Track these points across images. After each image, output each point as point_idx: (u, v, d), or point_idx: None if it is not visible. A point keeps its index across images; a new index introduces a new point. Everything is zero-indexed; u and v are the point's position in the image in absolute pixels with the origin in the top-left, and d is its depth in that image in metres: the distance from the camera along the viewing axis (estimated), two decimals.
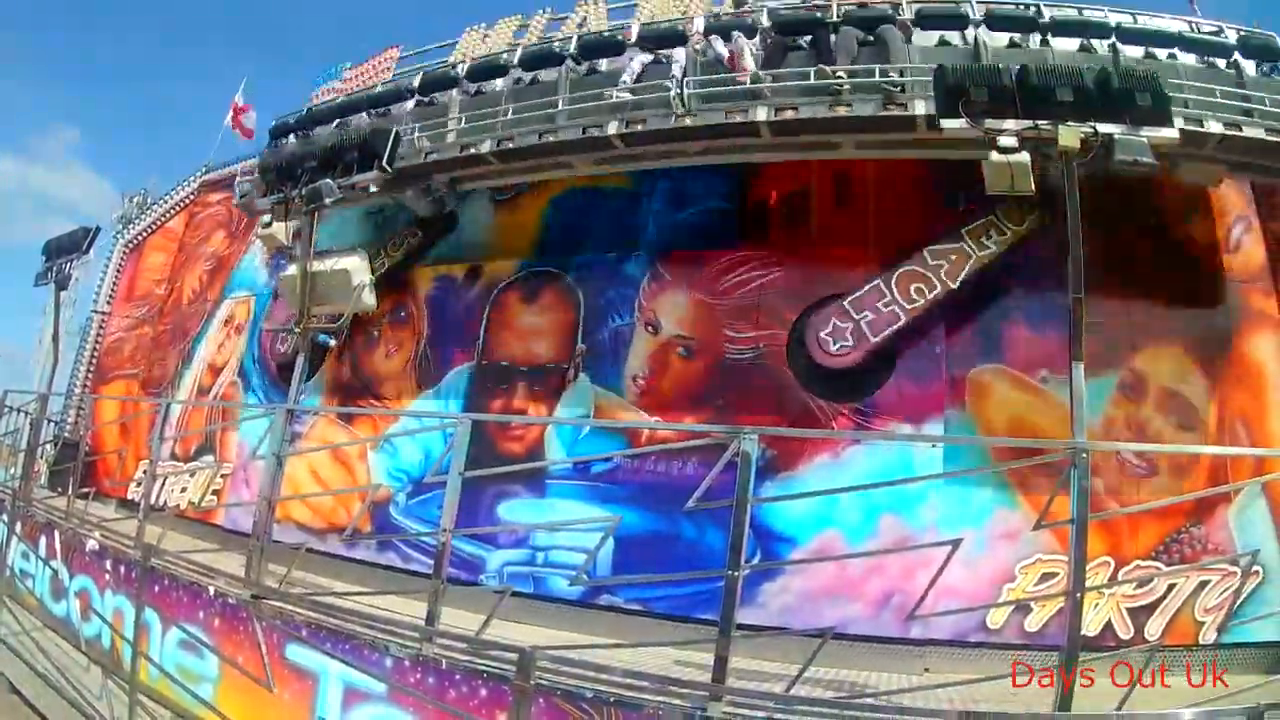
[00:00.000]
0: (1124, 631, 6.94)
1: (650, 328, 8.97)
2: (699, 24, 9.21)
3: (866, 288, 8.24)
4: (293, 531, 9.32)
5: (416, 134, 8.86)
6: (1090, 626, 6.74)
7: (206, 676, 6.42)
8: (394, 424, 9.43)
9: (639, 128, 8.20)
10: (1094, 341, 7.14)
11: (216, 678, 6.36)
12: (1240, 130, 7.15)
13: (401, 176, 8.32)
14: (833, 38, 8.25)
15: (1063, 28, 8.27)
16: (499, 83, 9.89)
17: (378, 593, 6.79)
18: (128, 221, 16.13)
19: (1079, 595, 5.08)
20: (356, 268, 6.78)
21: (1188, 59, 8.06)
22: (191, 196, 15.81)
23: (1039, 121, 6.01)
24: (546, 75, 9.53)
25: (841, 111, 7.59)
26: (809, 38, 8.47)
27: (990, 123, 6.08)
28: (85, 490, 10.22)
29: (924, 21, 8.44)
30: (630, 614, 7.70)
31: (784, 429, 7.63)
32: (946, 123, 6.15)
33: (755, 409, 8.03)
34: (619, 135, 8.24)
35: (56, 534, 8.49)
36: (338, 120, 10.51)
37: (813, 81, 7.75)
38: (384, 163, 6.51)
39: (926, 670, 6.79)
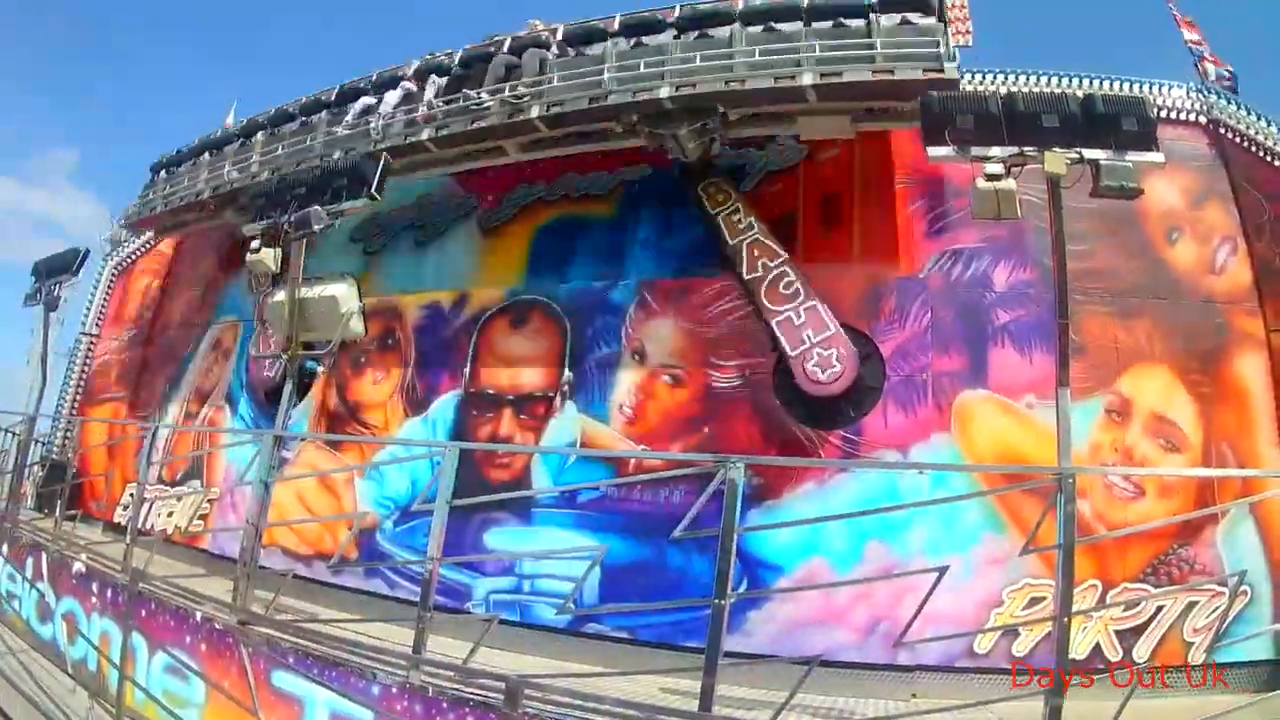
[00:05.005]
0: (1112, 653, 6.97)
1: (637, 356, 8.97)
2: None
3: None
4: (279, 557, 9.31)
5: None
6: (1078, 649, 6.77)
7: (192, 701, 6.33)
8: (381, 451, 9.39)
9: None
10: (1080, 365, 7.19)
11: (202, 703, 6.27)
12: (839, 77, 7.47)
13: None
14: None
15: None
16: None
17: (364, 620, 6.75)
18: (117, 244, 15.99)
19: (1066, 619, 5.08)
20: (344, 294, 6.75)
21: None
22: None
23: (1025, 148, 6.05)
24: None
25: None
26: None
27: (976, 150, 6.11)
28: (72, 512, 10.19)
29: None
30: (616, 642, 7.69)
31: (771, 457, 7.62)
32: (933, 150, 6.16)
33: (742, 437, 8.03)
34: None
35: (44, 556, 8.41)
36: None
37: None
38: (373, 190, 6.51)
39: (914, 696, 6.80)
